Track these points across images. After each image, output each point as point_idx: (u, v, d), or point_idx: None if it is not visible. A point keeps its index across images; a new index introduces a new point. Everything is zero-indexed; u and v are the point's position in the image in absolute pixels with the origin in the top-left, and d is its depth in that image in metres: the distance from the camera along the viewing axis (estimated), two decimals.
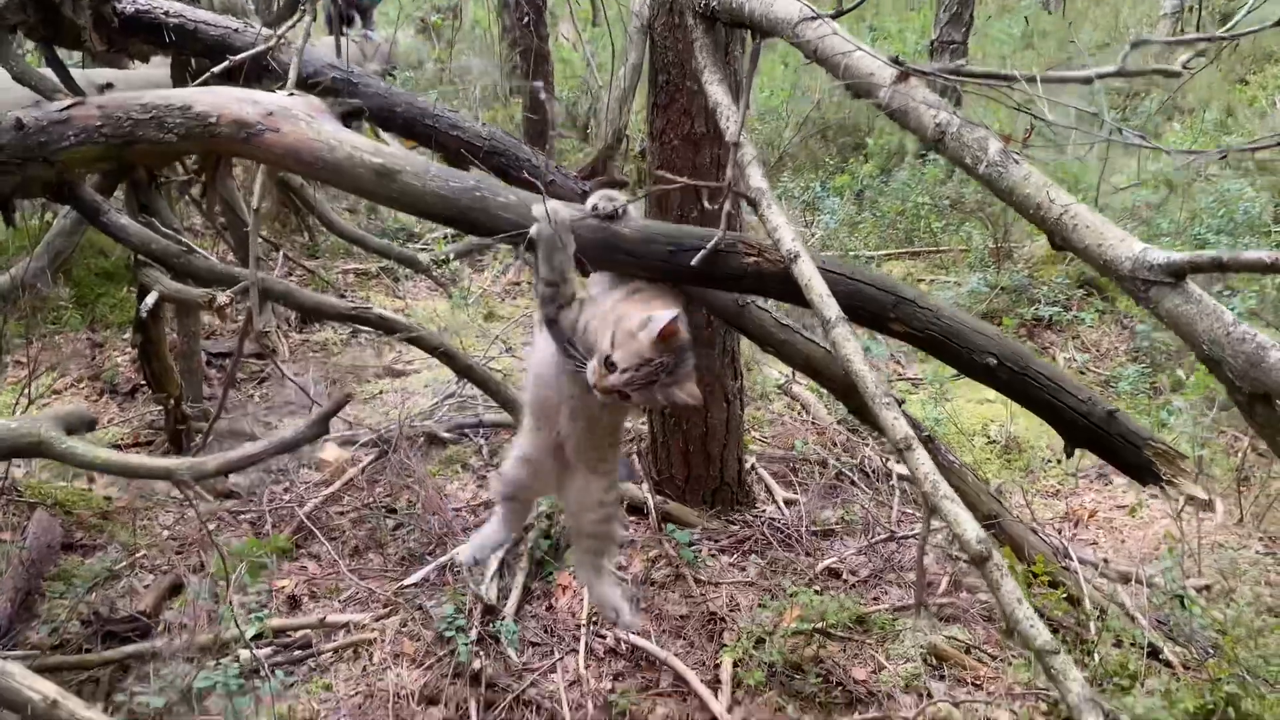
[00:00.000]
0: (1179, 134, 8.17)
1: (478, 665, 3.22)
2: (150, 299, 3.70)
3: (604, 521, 2.21)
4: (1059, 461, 4.83)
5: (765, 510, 4.17)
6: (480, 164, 2.81)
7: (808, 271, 1.74)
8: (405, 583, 3.65)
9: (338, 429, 4.75)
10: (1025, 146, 1.61)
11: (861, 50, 1.77)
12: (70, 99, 2.10)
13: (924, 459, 1.53)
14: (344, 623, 3.48)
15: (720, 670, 3.27)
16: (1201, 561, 3.88)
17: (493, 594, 3.54)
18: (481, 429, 4.82)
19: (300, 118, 2.08)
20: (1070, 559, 3.74)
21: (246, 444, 2.22)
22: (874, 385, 1.61)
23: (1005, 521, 3.48)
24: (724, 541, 3.93)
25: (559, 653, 3.37)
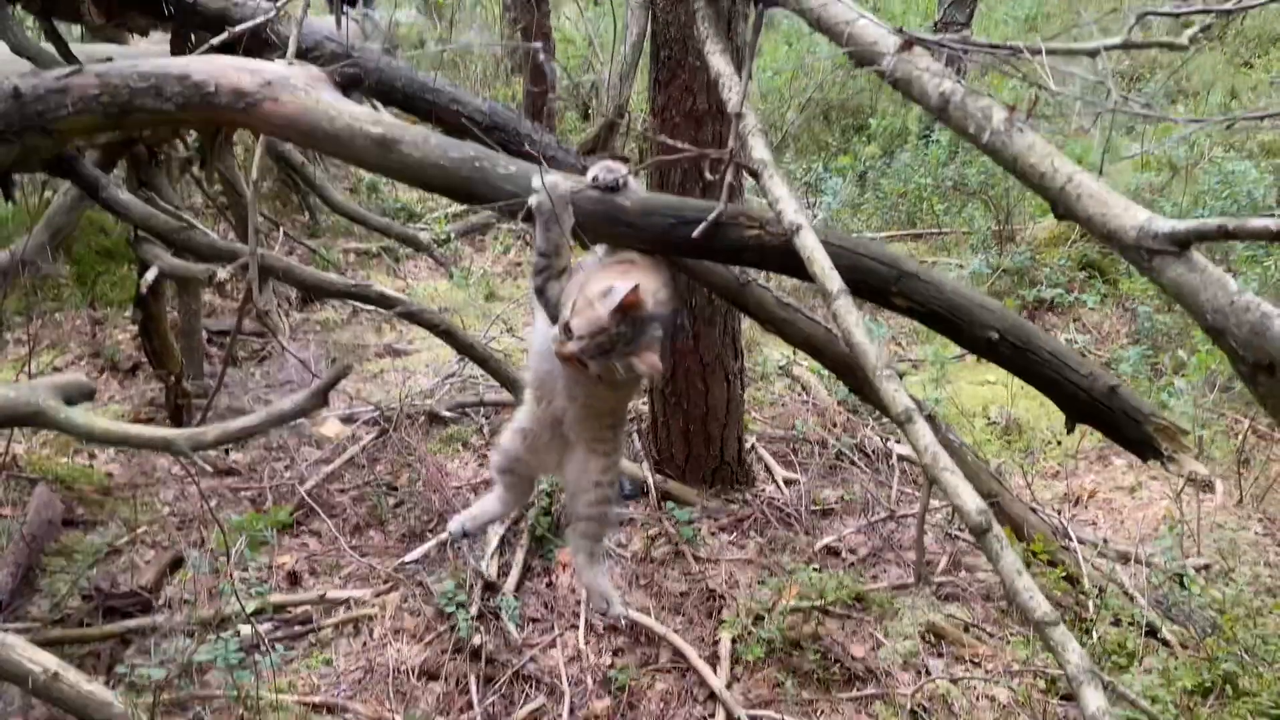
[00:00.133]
0: (1183, 116, 8.12)
1: (478, 640, 3.23)
2: (150, 274, 3.69)
3: (599, 504, 2.15)
4: (1059, 443, 4.83)
5: (765, 490, 4.17)
6: (481, 139, 2.79)
7: (810, 244, 1.72)
8: (406, 559, 3.66)
9: (339, 407, 4.75)
10: (1030, 117, 1.59)
11: (865, 18, 1.75)
12: (68, 68, 2.08)
13: (925, 431, 1.53)
14: (344, 599, 3.50)
15: (719, 646, 3.29)
16: (1201, 542, 3.88)
17: (493, 570, 3.55)
18: (482, 408, 4.81)
19: (299, 87, 2.06)
20: (1069, 539, 3.75)
21: (246, 415, 2.21)
22: (876, 357, 1.60)
23: (1005, 501, 3.49)
24: (723, 520, 3.93)
25: (559, 628, 3.39)
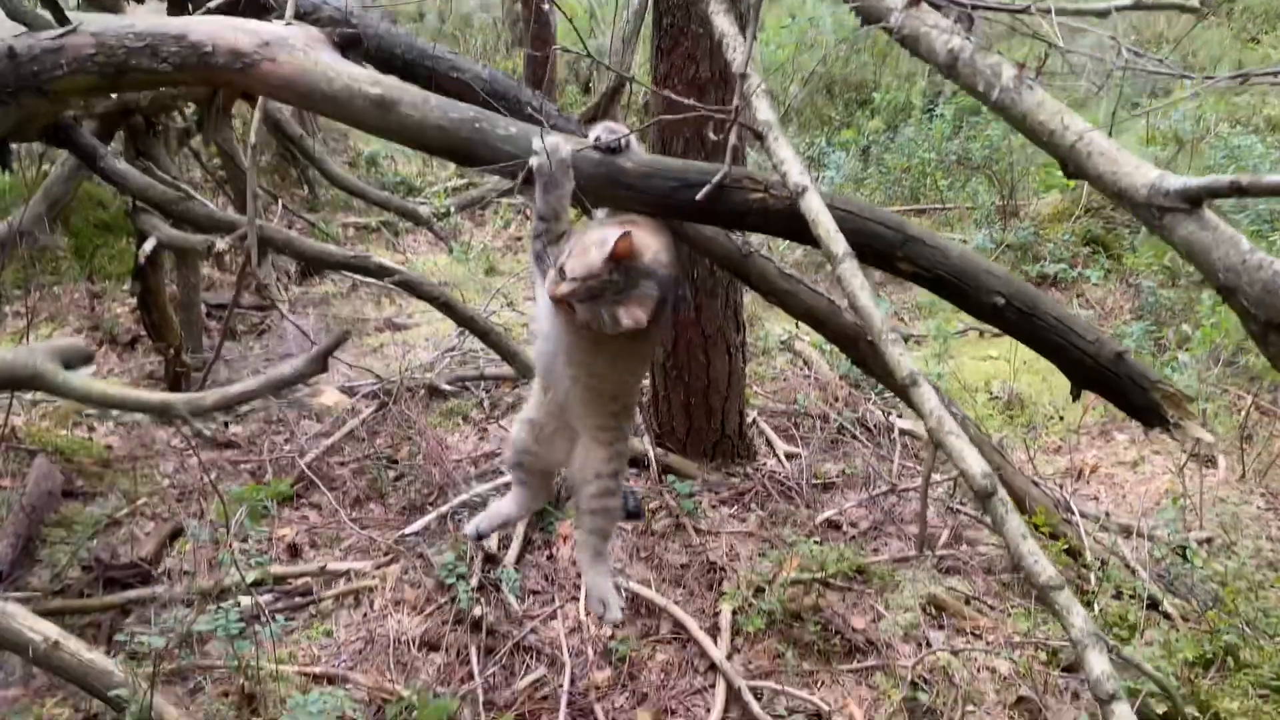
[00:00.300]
0: (1189, 91, 8.05)
1: (478, 612, 3.23)
2: (149, 244, 3.67)
3: (602, 496, 2.01)
4: (1061, 418, 4.82)
5: (766, 463, 4.16)
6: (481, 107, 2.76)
7: (815, 206, 1.69)
8: (406, 531, 3.65)
9: (338, 380, 4.74)
10: (1039, 74, 1.56)
11: None
12: (63, 29, 2.05)
13: (929, 395, 1.51)
14: (345, 571, 3.49)
15: (719, 618, 3.28)
16: (1203, 516, 3.88)
17: (493, 542, 3.54)
18: (483, 381, 4.80)
19: (297, 48, 2.02)
20: (1072, 512, 3.74)
21: (244, 380, 2.19)
22: (880, 322, 1.58)
23: (1007, 474, 3.47)
24: (724, 493, 3.92)
25: (559, 600, 3.38)
